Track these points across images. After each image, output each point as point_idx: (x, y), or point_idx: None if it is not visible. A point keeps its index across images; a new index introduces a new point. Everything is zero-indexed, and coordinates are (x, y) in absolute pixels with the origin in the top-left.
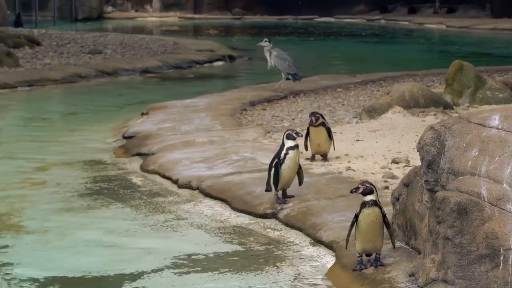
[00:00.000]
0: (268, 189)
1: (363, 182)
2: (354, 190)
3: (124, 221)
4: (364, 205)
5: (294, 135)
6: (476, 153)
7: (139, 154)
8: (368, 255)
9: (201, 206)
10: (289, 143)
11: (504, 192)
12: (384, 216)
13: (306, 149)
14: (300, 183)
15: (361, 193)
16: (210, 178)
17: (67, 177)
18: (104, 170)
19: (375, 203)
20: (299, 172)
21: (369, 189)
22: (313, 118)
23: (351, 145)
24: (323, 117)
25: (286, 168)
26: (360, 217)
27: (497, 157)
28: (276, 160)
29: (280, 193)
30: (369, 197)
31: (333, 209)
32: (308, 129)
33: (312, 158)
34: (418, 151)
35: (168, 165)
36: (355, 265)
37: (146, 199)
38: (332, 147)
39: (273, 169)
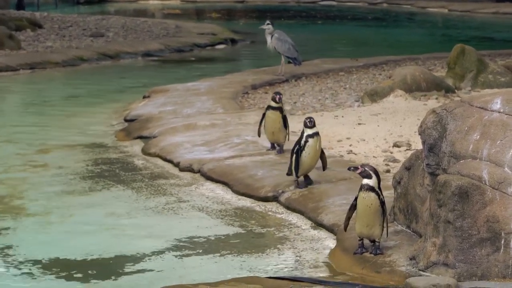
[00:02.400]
0: (288, 173)
1: (364, 165)
2: (352, 168)
3: (125, 203)
4: (360, 188)
5: (308, 123)
6: (478, 137)
7: (140, 137)
8: (372, 240)
9: (202, 189)
10: (308, 131)
11: (506, 176)
12: (382, 203)
13: (259, 135)
14: (324, 168)
15: (359, 174)
16: (212, 161)
17: (68, 160)
18: (105, 153)
19: (371, 189)
20: (322, 157)
21: (366, 173)
22: (277, 96)
23: (353, 129)
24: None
25: (307, 155)
26: (358, 200)
27: (499, 141)
28: (297, 147)
29: (301, 178)
30: (366, 181)
31: (334, 192)
32: (264, 114)
33: (272, 147)
34: (419, 134)
35: (170, 148)
36: (356, 248)
37: (148, 181)
38: (287, 137)
39: (294, 156)
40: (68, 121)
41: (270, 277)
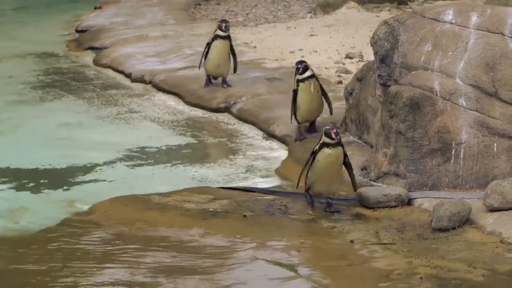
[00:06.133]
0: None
1: (333, 126)
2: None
3: (77, 113)
4: (326, 145)
5: (296, 70)
6: (430, 48)
7: (92, 48)
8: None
9: (154, 99)
10: (298, 77)
11: (457, 87)
12: (345, 155)
13: (200, 67)
14: (330, 112)
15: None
16: (163, 72)
17: (19, 70)
18: (56, 63)
19: (338, 143)
20: (327, 100)
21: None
22: (223, 24)
23: (305, 40)
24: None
25: (301, 99)
26: (320, 157)
27: (450, 52)
28: (292, 93)
29: (302, 128)
30: (327, 139)
31: (286, 104)
32: (209, 44)
33: (207, 83)
34: (371, 45)
35: (121, 59)
36: (308, 200)
37: (99, 92)
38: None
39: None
40: (18, 31)
41: (222, 187)
